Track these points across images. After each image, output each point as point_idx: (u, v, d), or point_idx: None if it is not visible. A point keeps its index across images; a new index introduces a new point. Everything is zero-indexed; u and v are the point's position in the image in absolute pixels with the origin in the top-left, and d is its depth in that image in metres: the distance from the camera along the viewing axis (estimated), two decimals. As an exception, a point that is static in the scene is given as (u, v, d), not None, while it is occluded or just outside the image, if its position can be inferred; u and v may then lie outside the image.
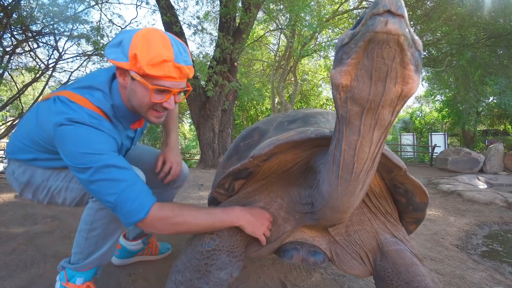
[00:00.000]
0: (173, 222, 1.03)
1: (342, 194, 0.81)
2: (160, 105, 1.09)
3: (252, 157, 1.02)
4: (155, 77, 1.01)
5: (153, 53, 0.98)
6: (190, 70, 1.09)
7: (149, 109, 1.10)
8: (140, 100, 1.07)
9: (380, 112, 0.65)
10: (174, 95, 1.09)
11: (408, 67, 0.58)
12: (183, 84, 1.09)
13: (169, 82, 1.03)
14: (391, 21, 0.53)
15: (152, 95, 1.04)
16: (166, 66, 1.00)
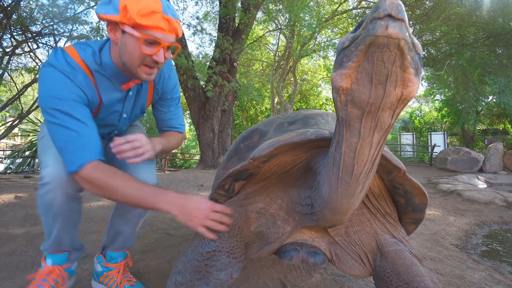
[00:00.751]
0: (101, 184, 1.05)
1: (342, 195, 0.81)
2: (150, 59, 1.10)
3: (252, 159, 1.03)
4: (145, 27, 1.03)
5: (143, 3, 1.02)
6: (178, 25, 1.11)
7: (140, 65, 1.11)
8: (130, 53, 1.09)
9: (380, 115, 0.65)
10: (163, 49, 1.10)
11: (408, 70, 0.59)
12: (172, 39, 1.11)
13: (158, 33, 1.06)
14: (391, 25, 0.53)
15: (142, 46, 1.06)
16: (155, 17, 1.03)
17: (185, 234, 2.38)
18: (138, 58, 1.09)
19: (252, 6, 5.25)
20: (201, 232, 1.02)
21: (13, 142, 15.78)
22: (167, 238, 2.27)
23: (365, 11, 10.80)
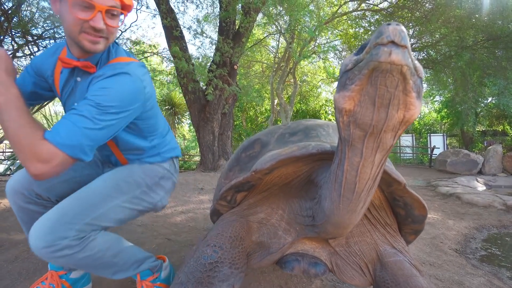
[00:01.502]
0: None
1: (343, 211, 0.82)
2: (88, 25, 1.02)
3: (254, 171, 1.04)
4: None
5: None
6: None
7: (80, 32, 1.04)
8: (67, 21, 1.03)
9: (383, 136, 0.67)
10: (101, 13, 1.02)
11: (411, 94, 0.60)
12: (112, 3, 1.05)
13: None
14: (394, 51, 0.55)
15: (73, 10, 0.99)
16: None
17: (186, 240, 2.39)
18: (74, 24, 1.02)
19: (253, 9, 5.27)
20: None
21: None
22: (168, 243, 2.28)
23: (365, 13, 10.82)
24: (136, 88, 1.09)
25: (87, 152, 1.01)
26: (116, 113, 1.03)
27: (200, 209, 3.48)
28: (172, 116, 15.58)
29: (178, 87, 7.97)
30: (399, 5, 9.73)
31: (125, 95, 1.06)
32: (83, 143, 0.98)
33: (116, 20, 1.10)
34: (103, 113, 1.00)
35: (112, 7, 1.05)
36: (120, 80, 1.06)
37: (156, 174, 1.35)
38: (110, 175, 1.27)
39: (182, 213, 3.25)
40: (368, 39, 0.63)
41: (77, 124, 0.96)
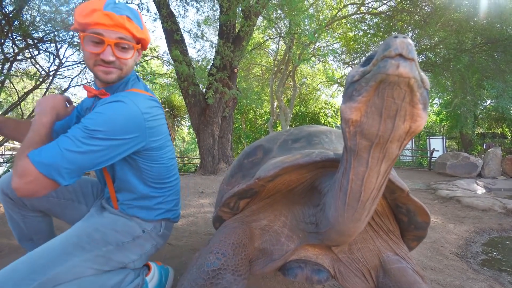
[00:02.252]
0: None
1: (348, 220, 0.83)
2: (99, 58, 1.10)
3: (257, 179, 1.04)
4: (86, 25, 1.06)
5: (85, 6, 1.07)
6: (126, 21, 1.09)
7: (95, 65, 1.12)
8: (84, 56, 1.12)
9: (389, 146, 0.67)
10: (111, 46, 1.08)
11: (417, 106, 0.61)
12: (120, 35, 1.09)
13: (99, 29, 1.06)
14: (402, 64, 0.55)
15: (86, 45, 1.08)
16: (96, 15, 1.05)
17: (187, 244, 2.38)
18: (89, 58, 1.11)
19: (253, 13, 5.29)
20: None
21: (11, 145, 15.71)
22: (169, 248, 2.27)
23: (364, 16, 10.87)
24: (130, 117, 1.06)
25: (64, 175, 0.97)
26: (103, 139, 1.00)
27: (200, 213, 3.48)
28: (172, 119, 15.58)
29: (178, 90, 7.98)
30: (398, 8, 9.79)
31: (116, 122, 1.03)
32: (60, 164, 0.95)
33: (128, 52, 1.14)
34: (88, 137, 0.98)
35: (121, 40, 1.09)
36: (114, 106, 1.05)
37: (130, 232, 1.22)
38: (78, 226, 1.17)
39: (183, 217, 3.24)
40: (374, 50, 0.63)
41: (59, 144, 0.96)
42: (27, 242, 1.47)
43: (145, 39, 1.19)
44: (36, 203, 1.33)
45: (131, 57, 1.16)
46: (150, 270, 1.38)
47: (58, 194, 1.35)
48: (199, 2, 6.01)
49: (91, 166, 1.02)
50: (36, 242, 1.45)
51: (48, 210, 1.38)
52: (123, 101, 1.06)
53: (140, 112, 1.08)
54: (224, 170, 5.99)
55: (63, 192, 1.36)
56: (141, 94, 1.17)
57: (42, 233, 1.46)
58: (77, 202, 1.40)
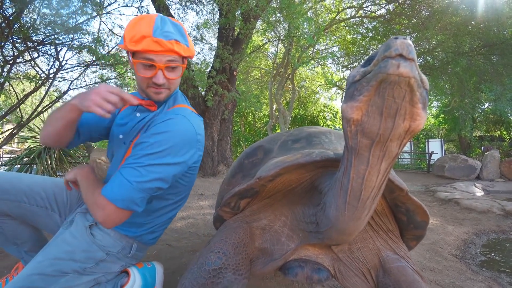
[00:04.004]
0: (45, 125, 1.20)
1: (348, 218, 0.84)
2: (151, 81, 1.15)
3: (258, 178, 1.05)
4: (137, 52, 1.11)
5: (135, 30, 1.09)
6: (175, 44, 1.13)
7: (147, 87, 1.17)
8: (137, 78, 1.18)
9: (389, 145, 0.68)
10: (161, 70, 1.13)
11: (417, 105, 0.62)
12: (169, 58, 1.13)
13: (150, 55, 1.10)
14: (402, 64, 0.57)
15: (138, 70, 1.13)
16: (145, 41, 1.09)
17: (187, 246, 2.39)
18: (142, 81, 1.17)
19: (252, 16, 5.32)
20: (95, 112, 1.02)
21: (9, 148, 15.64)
22: (169, 249, 2.28)
23: (362, 20, 10.94)
24: (188, 135, 1.13)
25: (139, 203, 1.07)
26: (166, 161, 1.07)
27: (200, 215, 3.48)
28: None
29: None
30: (396, 12, 9.86)
31: (178, 140, 1.10)
32: (133, 196, 1.05)
33: (176, 71, 1.19)
34: (153, 164, 1.05)
35: (170, 63, 1.14)
36: (173, 124, 1.11)
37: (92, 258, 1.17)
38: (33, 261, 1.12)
39: (182, 219, 3.24)
40: (375, 51, 0.65)
41: (127, 178, 1.04)
42: (11, 246, 1.43)
43: (191, 56, 1.23)
44: (6, 209, 1.29)
45: (179, 76, 1.22)
46: (129, 278, 1.29)
47: (30, 200, 1.32)
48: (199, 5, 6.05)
49: (159, 187, 1.10)
50: (21, 246, 1.43)
51: (20, 216, 1.34)
52: (180, 118, 1.14)
53: (195, 132, 1.15)
54: (223, 172, 5.99)
55: (36, 199, 1.33)
56: (191, 111, 1.24)
57: (23, 238, 1.43)
58: (51, 210, 1.36)
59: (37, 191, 1.34)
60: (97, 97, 1.02)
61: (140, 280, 1.31)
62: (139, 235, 1.26)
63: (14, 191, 1.29)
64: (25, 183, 1.33)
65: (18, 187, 1.30)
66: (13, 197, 1.29)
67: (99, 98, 1.02)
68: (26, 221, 1.39)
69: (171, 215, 1.35)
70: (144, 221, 1.26)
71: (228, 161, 6.34)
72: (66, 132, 1.19)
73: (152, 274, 1.39)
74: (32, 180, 1.37)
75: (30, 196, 1.32)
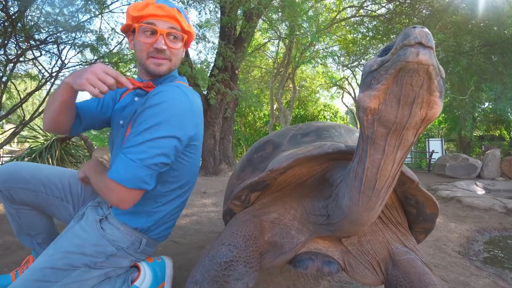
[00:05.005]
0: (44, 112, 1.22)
1: (362, 209, 0.85)
2: (153, 49, 1.15)
3: (270, 171, 1.06)
4: (140, 17, 1.14)
5: (139, 2, 1.16)
6: (177, 13, 1.17)
7: (148, 57, 1.17)
8: (137, 49, 1.18)
9: (405, 133, 0.69)
10: (163, 36, 1.14)
11: (434, 93, 0.63)
12: (171, 25, 1.16)
13: (152, 20, 1.13)
14: (422, 52, 0.58)
15: (140, 35, 1.14)
16: (149, 7, 1.13)
17: (192, 242, 2.40)
18: (142, 50, 1.17)
19: (255, 15, 5.33)
20: (88, 90, 0.98)
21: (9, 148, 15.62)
22: (174, 245, 2.28)
23: (363, 19, 10.95)
24: (186, 104, 1.11)
25: (148, 181, 1.06)
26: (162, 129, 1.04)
27: (204, 212, 3.49)
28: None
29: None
30: (396, 11, 9.87)
31: (175, 110, 1.08)
32: (140, 175, 1.03)
33: (178, 43, 1.21)
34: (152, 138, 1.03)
35: (172, 29, 1.17)
36: (168, 94, 1.08)
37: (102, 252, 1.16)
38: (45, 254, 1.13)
39: (187, 216, 3.26)
40: (391, 42, 0.66)
41: (130, 157, 1.03)
42: (25, 237, 1.46)
43: (190, 33, 1.26)
44: (24, 198, 1.32)
45: (180, 47, 1.23)
46: (139, 272, 1.29)
47: (47, 190, 1.34)
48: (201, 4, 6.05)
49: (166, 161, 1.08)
50: (35, 237, 1.45)
51: (37, 206, 1.37)
52: (173, 88, 1.11)
53: (189, 102, 1.13)
54: (225, 171, 6.00)
55: (52, 190, 1.35)
56: (187, 86, 1.24)
57: (38, 229, 1.45)
58: (66, 202, 1.38)
59: (54, 182, 1.36)
60: (92, 76, 0.98)
61: (150, 274, 1.32)
62: (148, 228, 1.26)
63: (33, 181, 1.32)
64: (44, 174, 1.35)
65: (37, 177, 1.33)
66: (32, 187, 1.31)
67: (93, 77, 0.98)
68: (43, 211, 1.41)
69: (178, 203, 1.32)
70: (152, 209, 1.24)
71: (230, 159, 6.35)
72: (65, 115, 1.18)
73: (162, 268, 1.39)
74: (50, 171, 1.39)
75: (47, 187, 1.34)
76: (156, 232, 1.30)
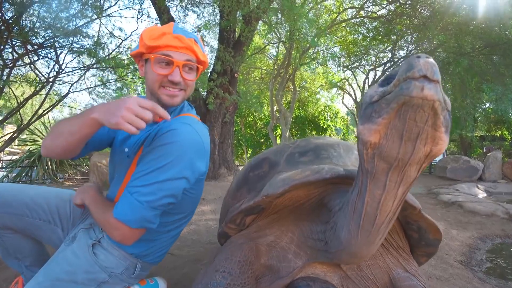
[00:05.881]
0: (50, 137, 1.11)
1: (361, 243, 0.80)
2: (167, 80, 1.11)
3: (265, 196, 1.02)
4: (156, 48, 1.09)
5: (154, 31, 1.11)
6: (194, 44, 1.13)
7: (159, 87, 1.12)
8: (150, 78, 1.12)
9: (407, 169, 0.65)
10: (179, 68, 1.10)
11: (440, 129, 0.59)
12: (188, 57, 1.12)
13: (169, 51, 1.09)
14: (427, 87, 0.53)
15: (155, 66, 1.09)
16: (165, 37, 1.08)
17: (189, 255, 2.35)
18: (156, 80, 1.12)
19: (254, 18, 5.28)
20: (125, 130, 0.89)
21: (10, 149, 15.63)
22: (171, 258, 2.24)
23: (363, 20, 10.89)
24: (195, 144, 1.07)
25: (152, 220, 1.04)
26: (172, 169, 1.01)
27: (202, 220, 3.45)
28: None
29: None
30: (397, 12, 9.82)
31: (185, 150, 1.03)
32: (146, 215, 1.01)
33: (192, 74, 1.17)
34: (161, 180, 1.00)
35: (188, 61, 1.12)
36: (178, 133, 1.04)
37: (94, 279, 1.11)
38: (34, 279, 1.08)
39: (184, 225, 3.21)
40: (394, 70, 0.61)
41: (136, 198, 1.00)
42: (12, 259, 1.40)
43: (205, 62, 1.22)
44: (7, 222, 1.25)
45: (195, 78, 1.19)
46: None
47: (32, 213, 1.27)
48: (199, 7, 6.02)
49: (170, 202, 1.06)
50: (22, 260, 1.40)
51: (22, 230, 1.30)
52: (185, 127, 1.07)
53: (201, 141, 1.09)
54: (224, 175, 5.95)
55: (38, 212, 1.28)
56: (197, 120, 1.20)
57: (25, 252, 1.39)
58: (53, 224, 1.32)
59: (40, 203, 1.30)
60: (128, 113, 0.89)
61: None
62: (145, 254, 1.22)
63: (16, 204, 1.25)
64: (28, 196, 1.29)
65: (21, 199, 1.26)
66: (15, 210, 1.25)
67: (129, 113, 0.89)
68: (29, 235, 1.35)
69: (178, 230, 1.30)
70: (152, 237, 1.21)
71: (230, 163, 6.30)
72: (78, 146, 1.11)
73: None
74: (35, 192, 1.33)
75: (32, 209, 1.28)
76: (153, 257, 1.27)
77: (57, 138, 1.08)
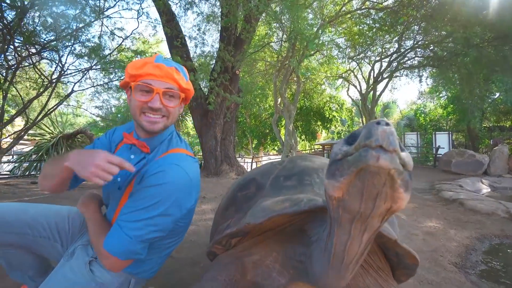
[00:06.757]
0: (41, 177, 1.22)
1: (332, 277, 0.85)
2: (148, 107, 1.15)
3: (247, 224, 1.07)
4: (138, 76, 1.14)
5: (138, 61, 1.16)
6: (175, 72, 1.17)
7: (140, 113, 1.17)
8: (132, 105, 1.18)
9: (370, 221, 0.69)
10: (159, 95, 1.14)
11: (398, 190, 0.61)
12: (168, 85, 1.15)
13: (149, 79, 1.13)
14: (382, 157, 0.56)
15: (135, 94, 1.14)
16: (147, 67, 1.13)
17: (187, 257, 2.43)
18: (137, 106, 1.16)
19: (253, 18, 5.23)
20: (94, 182, 1.00)
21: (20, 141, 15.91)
22: (169, 261, 2.31)
23: (369, 11, 10.65)
24: (185, 186, 1.14)
25: (141, 252, 1.11)
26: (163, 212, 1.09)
27: (202, 220, 3.51)
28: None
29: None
30: (404, 2, 9.57)
31: (173, 191, 1.10)
32: (134, 249, 1.09)
33: (174, 101, 1.20)
34: (149, 217, 1.07)
35: (169, 89, 1.16)
36: (169, 173, 1.10)
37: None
38: None
39: (184, 225, 3.28)
40: (359, 129, 0.64)
41: (126, 232, 1.07)
42: (16, 272, 1.49)
43: (189, 90, 1.25)
44: (9, 240, 1.32)
45: (177, 106, 1.22)
46: None
47: (33, 232, 1.34)
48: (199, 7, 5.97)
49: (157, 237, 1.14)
50: (25, 272, 1.48)
51: (23, 246, 1.37)
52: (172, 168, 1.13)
53: (189, 179, 1.15)
54: (226, 171, 6.03)
55: (39, 230, 1.35)
56: (185, 155, 1.24)
57: (27, 265, 1.47)
58: (53, 240, 1.38)
59: (40, 222, 1.36)
60: (96, 169, 0.99)
61: None
62: (138, 272, 1.29)
63: (18, 224, 1.31)
64: (29, 215, 1.35)
65: (22, 219, 1.33)
66: (17, 230, 1.31)
67: (98, 169, 0.99)
68: (30, 250, 1.42)
69: (170, 250, 1.37)
70: (144, 258, 1.27)
71: (231, 160, 6.37)
72: (64, 184, 1.22)
73: None
74: (35, 211, 1.39)
75: (33, 228, 1.34)
76: (146, 273, 1.34)
77: (45, 179, 1.20)
